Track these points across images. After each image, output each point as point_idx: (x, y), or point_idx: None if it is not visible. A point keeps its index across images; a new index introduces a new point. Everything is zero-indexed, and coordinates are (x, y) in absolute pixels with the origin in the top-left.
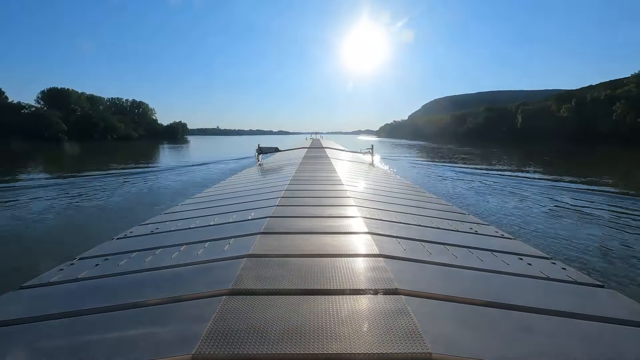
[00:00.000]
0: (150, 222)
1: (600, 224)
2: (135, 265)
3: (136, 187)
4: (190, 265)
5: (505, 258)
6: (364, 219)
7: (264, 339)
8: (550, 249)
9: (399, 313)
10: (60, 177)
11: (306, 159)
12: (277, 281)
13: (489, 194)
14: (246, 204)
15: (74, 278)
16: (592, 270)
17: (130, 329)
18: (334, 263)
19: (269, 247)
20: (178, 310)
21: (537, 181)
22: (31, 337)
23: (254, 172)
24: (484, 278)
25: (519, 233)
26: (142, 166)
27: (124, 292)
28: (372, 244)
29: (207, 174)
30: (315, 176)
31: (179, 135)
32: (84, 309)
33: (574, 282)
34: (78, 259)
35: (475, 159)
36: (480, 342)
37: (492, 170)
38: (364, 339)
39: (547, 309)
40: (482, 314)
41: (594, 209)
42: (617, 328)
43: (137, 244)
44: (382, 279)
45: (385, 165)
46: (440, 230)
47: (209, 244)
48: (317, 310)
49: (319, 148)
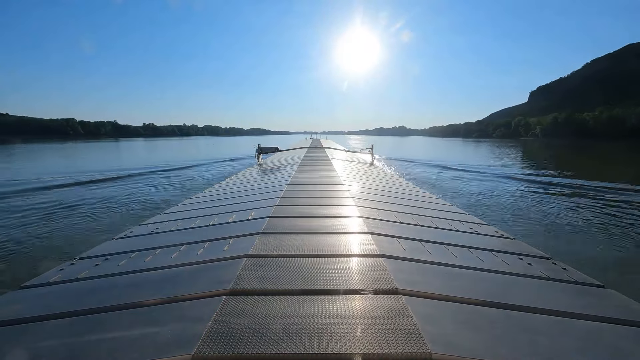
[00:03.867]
0: (150, 222)
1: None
2: (135, 265)
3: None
4: (190, 265)
5: (505, 258)
6: (363, 218)
7: (264, 339)
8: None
9: (398, 313)
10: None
11: (306, 158)
12: (277, 281)
13: None
14: (246, 203)
15: (74, 278)
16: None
17: (130, 328)
18: (334, 263)
19: (269, 247)
20: (178, 310)
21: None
22: (31, 337)
23: (254, 172)
24: (484, 278)
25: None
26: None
27: (124, 292)
28: (372, 243)
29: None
30: (315, 176)
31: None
32: (84, 309)
33: (574, 282)
34: (78, 259)
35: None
36: (480, 342)
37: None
38: (364, 339)
39: (547, 309)
40: (482, 314)
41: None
42: (617, 328)
43: (137, 244)
44: (382, 278)
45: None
46: (440, 230)
47: (209, 244)
48: (317, 310)
49: (319, 148)
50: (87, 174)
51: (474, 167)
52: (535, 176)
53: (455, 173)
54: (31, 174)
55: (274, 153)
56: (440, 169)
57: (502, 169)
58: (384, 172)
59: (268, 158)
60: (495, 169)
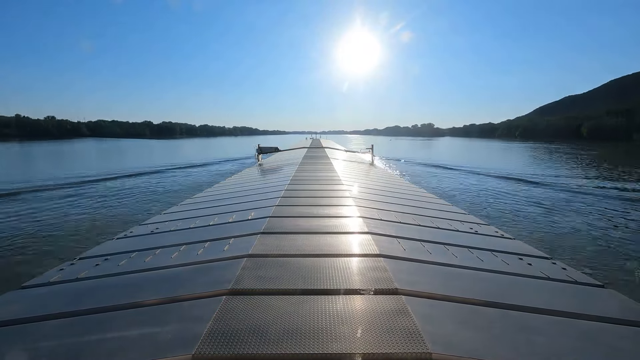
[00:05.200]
0: (150, 222)
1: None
2: (135, 265)
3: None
4: (190, 265)
5: (505, 258)
6: (363, 218)
7: (264, 339)
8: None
9: (398, 313)
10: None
11: (306, 158)
12: (277, 281)
13: None
14: (246, 203)
15: (74, 278)
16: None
17: (130, 329)
18: (334, 263)
19: (269, 247)
20: (178, 310)
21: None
22: (31, 337)
23: (254, 172)
24: (484, 278)
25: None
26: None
27: (123, 292)
28: (372, 243)
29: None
30: (315, 176)
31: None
32: (84, 309)
33: (574, 282)
34: (78, 259)
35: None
36: (480, 342)
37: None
38: (364, 339)
39: (547, 309)
40: (482, 314)
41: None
42: (617, 328)
43: (137, 244)
44: (382, 278)
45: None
46: (440, 230)
47: (209, 244)
48: (317, 310)
49: (319, 148)
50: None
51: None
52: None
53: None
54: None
55: (274, 153)
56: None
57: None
58: (384, 172)
59: (268, 158)
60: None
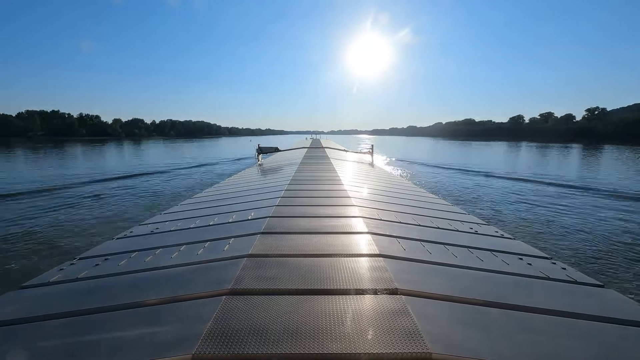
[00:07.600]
0: (150, 222)
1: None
2: (135, 265)
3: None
4: (190, 265)
5: (505, 258)
6: (364, 218)
7: (264, 339)
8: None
9: (398, 313)
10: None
11: (306, 158)
12: (277, 281)
13: None
14: (246, 204)
15: (74, 278)
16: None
17: (130, 328)
18: (334, 263)
19: (269, 247)
20: (178, 310)
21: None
22: (31, 337)
23: (254, 172)
24: (484, 278)
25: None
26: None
27: (124, 292)
28: (372, 243)
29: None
30: (316, 176)
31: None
32: (84, 309)
33: (574, 282)
34: (78, 259)
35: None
36: (480, 342)
37: None
38: (364, 339)
39: (547, 308)
40: (482, 314)
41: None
42: (617, 328)
43: (137, 244)
44: (382, 278)
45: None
46: (440, 230)
47: (209, 244)
48: (317, 310)
49: (319, 148)
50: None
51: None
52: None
53: None
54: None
55: (274, 153)
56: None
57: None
58: (384, 172)
59: (268, 158)
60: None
